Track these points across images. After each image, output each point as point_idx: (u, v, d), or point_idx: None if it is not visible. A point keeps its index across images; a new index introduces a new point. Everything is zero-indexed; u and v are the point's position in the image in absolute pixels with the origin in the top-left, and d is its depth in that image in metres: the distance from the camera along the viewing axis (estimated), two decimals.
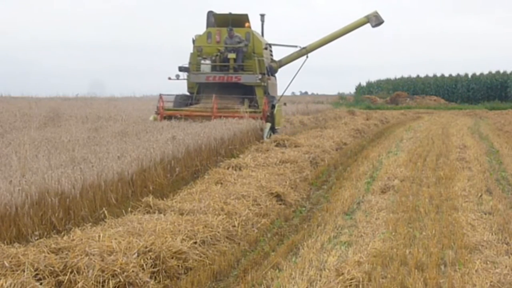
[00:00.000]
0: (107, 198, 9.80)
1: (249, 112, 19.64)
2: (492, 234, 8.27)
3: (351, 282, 6.38)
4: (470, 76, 65.24)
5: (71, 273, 6.15)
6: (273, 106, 20.52)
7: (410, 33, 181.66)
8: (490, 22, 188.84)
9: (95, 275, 6.17)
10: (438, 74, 66.56)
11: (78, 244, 6.86)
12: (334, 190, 12.42)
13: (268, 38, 22.96)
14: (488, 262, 7.11)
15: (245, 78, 20.74)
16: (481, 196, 10.85)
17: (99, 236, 7.27)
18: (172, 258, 7.07)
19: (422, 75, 67.39)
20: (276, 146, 16.89)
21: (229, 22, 20.97)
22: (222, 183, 11.66)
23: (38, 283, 5.87)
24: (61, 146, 12.40)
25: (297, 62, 23.50)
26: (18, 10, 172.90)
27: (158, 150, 12.25)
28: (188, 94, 21.31)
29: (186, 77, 21.02)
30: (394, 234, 8.37)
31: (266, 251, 8.20)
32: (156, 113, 19.97)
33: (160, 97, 20.09)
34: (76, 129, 16.71)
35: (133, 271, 6.38)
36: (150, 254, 6.87)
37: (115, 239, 7.12)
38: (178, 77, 20.87)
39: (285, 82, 22.93)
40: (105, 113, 24.12)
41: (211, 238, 8.14)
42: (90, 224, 8.42)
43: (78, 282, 6.04)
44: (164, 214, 8.98)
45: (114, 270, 6.28)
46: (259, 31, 22.66)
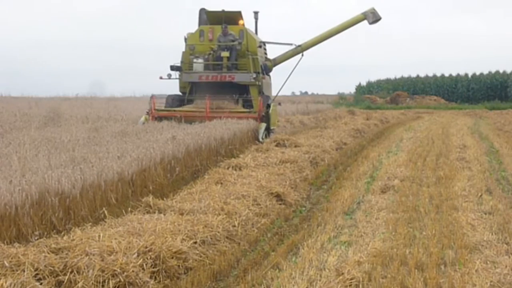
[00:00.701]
0: (107, 198, 9.79)
1: (243, 112, 19.22)
2: (492, 234, 8.27)
3: (351, 282, 6.38)
4: (470, 76, 65.35)
5: (71, 273, 6.15)
6: (268, 106, 20.00)
7: (410, 33, 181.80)
8: (490, 22, 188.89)
9: (95, 275, 6.16)
10: (438, 74, 66.75)
11: (78, 244, 6.86)
12: (334, 190, 12.43)
13: (262, 36, 22.55)
14: (488, 262, 7.10)
15: (239, 77, 20.20)
16: (481, 196, 10.85)
17: (99, 236, 7.27)
18: (172, 258, 7.07)
19: (422, 75, 67.60)
20: (276, 146, 16.89)
21: (222, 20, 20.48)
22: (222, 183, 11.66)
23: (38, 283, 5.87)
24: (61, 146, 12.40)
25: (292, 61, 23.08)
26: (18, 10, 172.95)
27: (158, 150, 12.24)
28: (180, 94, 20.84)
29: (178, 76, 20.52)
30: (394, 234, 8.37)
31: (266, 251, 8.20)
32: (147, 113, 19.46)
33: (151, 97, 19.58)
34: (76, 129, 16.71)
35: (133, 271, 6.38)
36: (150, 254, 6.87)
37: (115, 239, 7.12)
38: (170, 76, 20.29)
39: (280, 82, 22.55)
40: (105, 113, 24.11)
41: (211, 238, 8.14)
42: (90, 224, 8.42)
43: (78, 282, 6.04)
44: (164, 214, 8.98)
45: (114, 270, 6.28)
46: (253, 29, 22.17)
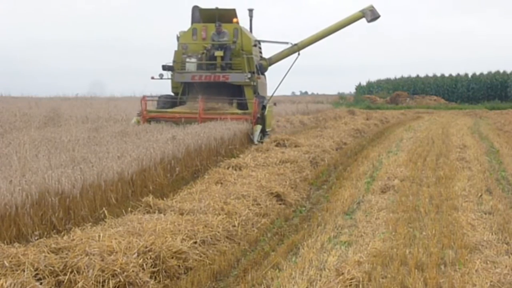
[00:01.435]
0: (107, 198, 9.80)
1: (238, 113, 18.65)
2: (492, 234, 8.27)
3: (351, 282, 6.38)
4: (470, 76, 65.33)
5: (71, 273, 6.15)
6: (263, 107, 19.41)
7: (410, 32, 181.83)
8: (490, 22, 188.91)
9: (95, 275, 6.17)
10: (438, 74, 66.72)
11: (78, 244, 6.86)
12: (334, 190, 12.42)
13: (257, 35, 21.91)
14: (488, 262, 7.10)
15: (233, 77, 19.47)
16: (481, 196, 10.85)
17: (99, 236, 7.27)
18: (172, 258, 7.07)
19: (422, 75, 67.56)
20: (276, 146, 16.89)
21: (215, 18, 19.79)
22: (222, 183, 11.66)
23: (38, 283, 5.87)
24: (61, 146, 12.40)
25: (290, 61, 22.18)
26: (18, 10, 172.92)
27: (158, 150, 12.25)
28: (172, 94, 20.21)
29: (170, 76, 19.79)
30: (394, 234, 8.37)
31: (266, 251, 8.20)
32: (138, 115, 18.88)
33: (143, 98, 18.90)
34: (76, 129, 16.71)
35: (133, 271, 6.38)
36: (150, 254, 6.87)
37: (115, 239, 7.12)
38: (161, 76, 19.58)
39: (277, 81, 21.65)
40: (105, 113, 24.11)
41: (211, 238, 8.15)
42: (90, 224, 8.42)
43: (78, 282, 6.04)
44: (164, 214, 8.98)
45: (114, 270, 6.28)
46: (248, 27, 21.52)
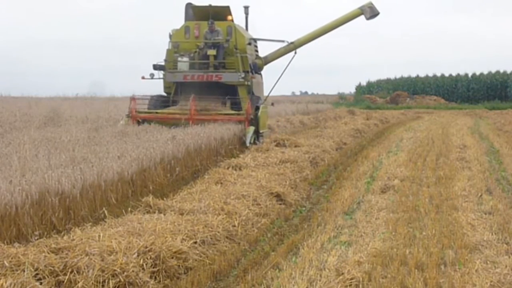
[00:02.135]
0: (107, 198, 9.81)
1: (230, 114, 18.05)
2: (492, 234, 8.27)
3: (351, 282, 6.38)
4: (470, 76, 65.33)
5: (71, 273, 6.15)
6: (257, 108, 18.53)
7: (410, 32, 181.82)
8: (491, 22, 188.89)
9: (95, 275, 6.17)
10: (438, 74, 66.73)
11: (78, 244, 6.86)
12: (334, 190, 12.43)
13: (253, 33, 21.45)
14: (488, 262, 7.11)
15: (226, 77, 18.87)
16: (481, 196, 10.84)
17: (99, 236, 7.27)
18: (172, 258, 7.07)
19: (422, 75, 67.56)
20: (276, 146, 16.89)
21: (209, 15, 19.14)
22: (222, 183, 11.66)
23: (38, 283, 5.87)
24: (61, 146, 12.40)
25: (287, 60, 21.51)
26: (18, 10, 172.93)
27: (158, 150, 12.26)
28: (165, 94, 19.69)
29: (162, 76, 19.25)
30: (394, 234, 8.37)
31: (266, 251, 8.20)
32: (127, 116, 18.24)
33: (131, 98, 18.33)
34: (76, 129, 16.70)
35: (133, 271, 6.38)
36: (150, 254, 6.87)
37: (115, 239, 7.12)
38: (152, 76, 19.08)
39: (275, 81, 20.92)
40: (105, 113, 24.08)
41: (211, 238, 8.14)
42: (90, 224, 8.42)
43: (78, 282, 6.04)
44: (164, 214, 8.98)
45: (114, 270, 6.28)
46: (243, 25, 21.04)
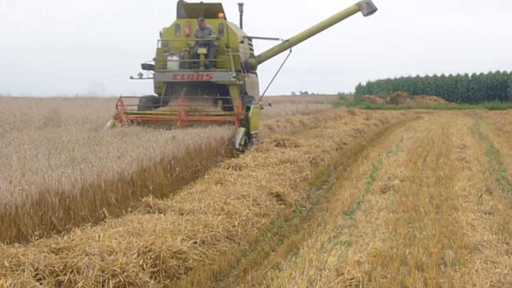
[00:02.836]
0: (107, 198, 9.81)
1: (221, 115, 17.40)
2: (492, 234, 8.27)
3: (351, 282, 6.38)
4: (470, 76, 65.34)
5: (71, 273, 6.15)
6: (247, 109, 17.68)
7: (410, 32, 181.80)
8: (491, 22, 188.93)
9: (95, 275, 6.17)
10: (438, 74, 66.73)
11: (78, 244, 6.87)
12: (334, 190, 12.43)
13: (249, 31, 20.76)
14: (488, 262, 7.10)
15: (217, 76, 18.22)
16: (481, 196, 10.84)
17: (99, 236, 7.27)
18: (172, 258, 7.07)
19: (422, 75, 67.57)
20: (276, 146, 16.89)
21: (200, 13, 18.69)
22: (222, 183, 11.66)
23: (38, 283, 5.87)
24: (61, 146, 12.40)
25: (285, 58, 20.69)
26: (18, 10, 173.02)
27: (158, 150, 12.26)
28: (156, 95, 19.01)
29: (152, 75, 18.63)
30: (394, 234, 8.37)
31: (266, 251, 8.20)
32: (114, 117, 17.43)
33: (119, 99, 17.58)
34: (76, 129, 16.70)
35: (133, 271, 6.38)
36: (150, 254, 6.87)
37: (115, 239, 7.12)
38: (141, 76, 18.46)
39: (275, 80, 20.29)
40: (105, 113, 24.08)
41: (211, 238, 8.15)
42: (90, 224, 8.42)
43: (78, 282, 6.04)
44: (164, 214, 8.98)
45: (114, 270, 6.28)
46: (237, 23, 20.47)
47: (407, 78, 67.73)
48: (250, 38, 20.65)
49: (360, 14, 21.38)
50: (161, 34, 19.08)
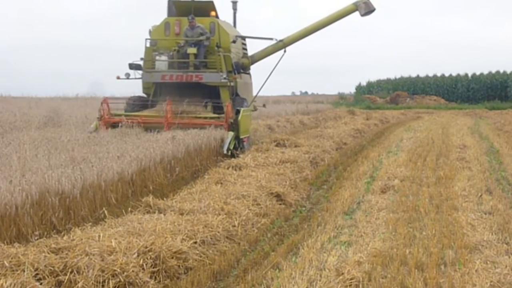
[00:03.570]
0: (107, 198, 9.80)
1: (209, 118, 16.55)
2: (492, 234, 8.27)
3: (351, 282, 6.38)
4: (470, 76, 65.33)
5: (71, 273, 6.15)
6: (237, 111, 16.78)
7: (410, 32, 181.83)
8: (491, 22, 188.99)
9: (95, 275, 6.17)
10: (438, 74, 66.72)
11: (78, 244, 6.87)
12: (334, 190, 12.43)
13: (243, 30, 20.15)
14: (488, 262, 7.11)
15: (207, 77, 17.44)
16: (481, 196, 10.85)
17: (99, 236, 7.28)
18: (172, 258, 7.07)
19: (422, 75, 67.58)
20: (276, 146, 16.90)
21: (191, 11, 17.88)
22: (222, 183, 11.67)
23: (38, 283, 5.87)
24: (61, 146, 12.41)
25: (282, 59, 19.88)
26: (18, 11, 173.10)
27: (158, 150, 12.26)
28: (144, 96, 18.23)
29: (141, 75, 17.83)
30: (394, 234, 8.38)
31: (266, 251, 8.20)
32: (98, 119, 16.70)
33: (104, 100, 16.89)
34: (76, 129, 16.69)
35: (133, 271, 6.38)
36: (150, 254, 6.87)
37: (115, 239, 7.12)
38: (128, 76, 17.69)
39: (274, 81, 19.67)
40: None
41: (211, 238, 8.15)
42: (90, 224, 8.43)
43: (78, 282, 6.04)
44: (164, 214, 8.98)
45: (114, 270, 6.28)
46: (231, 21, 19.80)
47: (407, 78, 67.75)
48: (243, 38, 19.95)
49: (358, 14, 20.67)
50: (150, 33, 18.35)
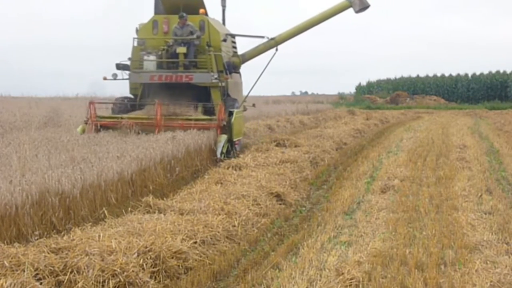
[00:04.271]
0: (107, 198, 9.81)
1: (201, 120, 15.97)
2: (492, 234, 8.27)
3: (351, 282, 6.38)
4: (470, 76, 65.38)
5: (71, 273, 6.15)
6: (230, 113, 16.18)
7: (410, 32, 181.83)
8: (491, 22, 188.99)
9: (95, 275, 6.17)
10: (438, 74, 66.77)
11: (78, 244, 6.87)
12: (334, 190, 12.43)
13: (233, 29, 19.65)
14: (488, 262, 7.11)
15: (197, 78, 16.79)
16: (481, 196, 10.85)
17: (99, 236, 7.28)
18: (172, 258, 7.07)
19: (422, 75, 67.61)
20: (276, 146, 16.89)
21: (180, 8, 17.26)
22: (222, 183, 11.66)
23: (38, 283, 5.87)
24: (61, 146, 12.41)
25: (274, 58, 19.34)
26: (18, 11, 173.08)
27: (158, 150, 12.26)
28: (132, 96, 17.67)
29: (128, 76, 17.27)
30: (394, 234, 8.38)
31: (266, 251, 8.20)
32: (85, 122, 16.23)
33: (90, 103, 16.33)
34: (76, 129, 16.69)
35: (133, 271, 6.38)
36: (150, 254, 6.87)
37: (115, 239, 7.12)
38: (115, 77, 17.13)
39: (274, 82, 19.37)
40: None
41: (211, 238, 8.15)
42: (90, 224, 8.43)
43: (78, 282, 6.04)
44: (164, 214, 8.98)
45: (114, 270, 6.28)
46: (220, 19, 19.19)
47: (407, 78, 67.78)
48: (233, 36, 19.31)
49: (352, 12, 20.03)
50: (137, 31, 17.67)
